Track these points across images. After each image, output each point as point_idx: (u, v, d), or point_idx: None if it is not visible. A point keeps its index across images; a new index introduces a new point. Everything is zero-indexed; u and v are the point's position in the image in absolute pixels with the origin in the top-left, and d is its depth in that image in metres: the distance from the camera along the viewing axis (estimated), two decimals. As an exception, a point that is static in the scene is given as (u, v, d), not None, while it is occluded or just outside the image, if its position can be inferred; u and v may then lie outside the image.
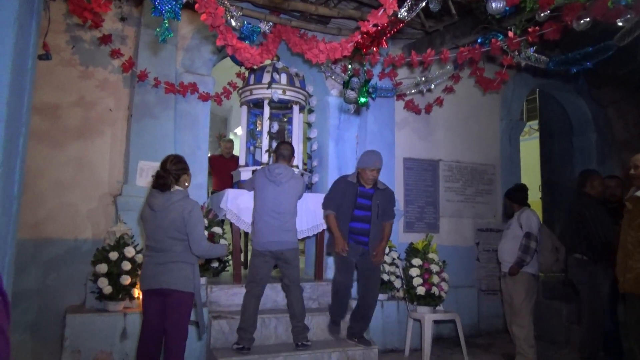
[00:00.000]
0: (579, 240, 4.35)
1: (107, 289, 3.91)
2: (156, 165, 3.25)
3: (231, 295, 4.43)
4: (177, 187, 3.16)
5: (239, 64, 4.91)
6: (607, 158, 6.97)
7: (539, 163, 8.04)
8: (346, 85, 3.90)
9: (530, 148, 8.60)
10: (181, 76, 4.93)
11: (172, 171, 3.15)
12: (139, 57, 4.71)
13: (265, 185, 4.07)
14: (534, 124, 9.07)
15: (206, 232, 4.22)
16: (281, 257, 4.04)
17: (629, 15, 2.75)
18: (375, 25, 3.03)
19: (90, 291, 4.08)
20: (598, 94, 6.90)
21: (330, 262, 5.31)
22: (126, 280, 3.95)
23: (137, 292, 4.07)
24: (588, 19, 2.77)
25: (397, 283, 5.00)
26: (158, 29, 2.76)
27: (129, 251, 4.04)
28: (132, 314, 3.99)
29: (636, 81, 6.20)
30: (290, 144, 4.48)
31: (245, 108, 5.32)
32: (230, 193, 4.66)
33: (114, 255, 3.98)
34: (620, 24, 2.85)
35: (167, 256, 3.06)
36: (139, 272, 4.04)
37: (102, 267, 3.93)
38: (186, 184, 3.24)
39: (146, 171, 4.47)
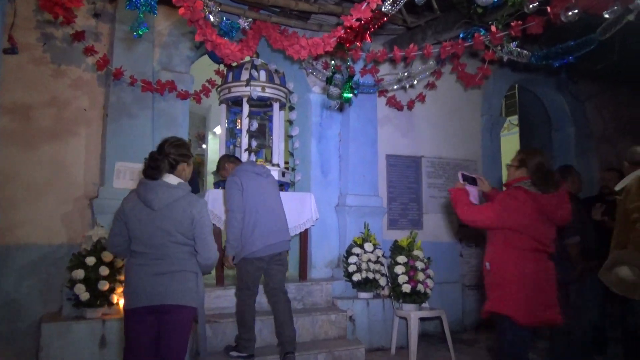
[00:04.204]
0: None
1: (85, 296, 3.78)
2: (134, 167, 3.06)
3: (214, 298, 4.34)
4: (179, 180, 2.63)
5: (218, 61, 4.81)
6: (585, 151, 7.06)
7: (519, 158, 8.10)
8: (329, 81, 3.84)
9: (510, 143, 8.66)
10: (158, 74, 4.79)
11: (170, 154, 2.61)
12: (114, 55, 4.56)
13: (252, 180, 3.69)
14: (514, 119, 9.16)
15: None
16: (279, 259, 3.79)
17: (615, 7, 2.75)
18: (359, 19, 2.97)
19: (67, 298, 3.94)
20: (576, 89, 6.99)
21: (315, 260, 5.25)
22: (104, 285, 3.82)
23: (115, 298, 3.94)
24: (576, 11, 2.76)
25: (382, 281, 4.96)
26: (133, 24, 2.64)
27: (107, 256, 3.90)
28: (111, 320, 3.86)
29: (613, 76, 6.29)
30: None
31: (224, 106, 5.21)
32: (210, 194, 4.57)
33: (91, 261, 3.84)
34: (606, 15, 2.85)
35: (169, 264, 2.52)
36: (118, 277, 3.91)
37: (79, 273, 3.80)
38: (183, 175, 2.69)
39: (123, 173, 4.34)
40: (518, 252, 2.70)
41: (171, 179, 2.59)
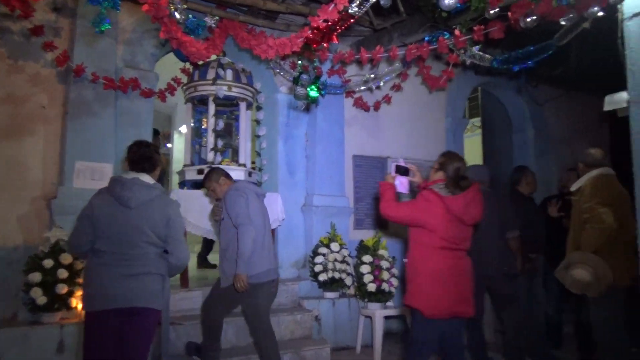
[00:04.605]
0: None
1: (42, 300, 3.64)
2: (95, 166, 2.98)
3: (178, 300, 4.26)
4: (154, 180, 2.65)
5: (184, 59, 4.73)
6: (543, 153, 7.30)
7: (481, 158, 8.32)
8: (296, 81, 3.84)
9: (473, 144, 8.88)
10: (122, 71, 4.67)
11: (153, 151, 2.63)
12: (75, 51, 4.42)
13: (255, 199, 3.54)
14: (477, 120, 9.38)
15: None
16: (274, 285, 3.59)
17: (571, 15, 2.87)
18: (326, 20, 2.98)
19: (23, 302, 3.78)
20: (535, 93, 7.23)
21: (281, 260, 5.23)
22: (63, 289, 3.69)
23: (74, 302, 3.82)
24: (535, 17, 2.87)
25: (348, 281, 5.00)
26: (95, 19, 2.57)
27: (66, 258, 3.77)
28: (70, 325, 3.74)
29: (570, 81, 6.54)
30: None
31: (189, 105, 5.13)
32: (174, 194, 4.50)
33: (48, 263, 3.71)
34: (563, 22, 2.97)
35: (139, 265, 2.49)
36: (77, 280, 3.79)
37: (36, 276, 3.66)
38: (156, 176, 2.70)
39: (84, 172, 4.21)
40: (428, 250, 2.91)
41: (147, 178, 2.60)
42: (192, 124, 5.22)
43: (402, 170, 3.14)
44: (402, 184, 3.11)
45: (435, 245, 2.88)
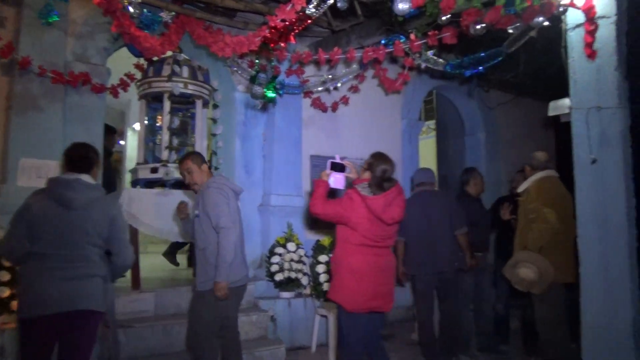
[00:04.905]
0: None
1: (-19, 303, 3.46)
2: (41, 163, 2.87)
3: (129, 302, 4.15)
4: (94, 180, 2.60)
5: (138, 54, 4.61)
6: (493, 155, 7.58)
7: (435, 160, 8.53)
8: (253, 80, 3.82)
9: (428, 146, 9.09)
10: (71, 65, 4.50)
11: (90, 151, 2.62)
12: (21, 42, 4.22)
13: (234, 198, 3.31)
14: (431, 123, 9.60)
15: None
16: (245, 290, 3.45)
17: (518, 24, 3.00)
18: (283, 20, 2.98)
19: (-39, 306, 3.58)
20: (487, 97, 7.48)
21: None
22: (4, 292, 3.51)
23: (17, 305, 3.64)
24: (484, 25, 2.98)
25: (305, 280, 5.01)
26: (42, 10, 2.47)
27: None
28: (12, 330, 3.55)
29: (519, 86, 6.81)
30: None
31: (143, 102, 5.00)
32: (126, 193, 4.39)
33: (-11, 265, 3.52)
34: (510, 31, 3.10)
35: (82, 267, 2.43)
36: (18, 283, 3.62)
37: (-25, 279, 3.47)
38: (96, 176, 2.69)
39: (29, 169, 4.03)
40: (349, 246, 3.02)
41: (88, 178, 2.55)
42: (146, 121, 5.09)
43: (338, 167, 3.17)
44: (337, 180, 3.15)
45: (355, 242, 2.98)
